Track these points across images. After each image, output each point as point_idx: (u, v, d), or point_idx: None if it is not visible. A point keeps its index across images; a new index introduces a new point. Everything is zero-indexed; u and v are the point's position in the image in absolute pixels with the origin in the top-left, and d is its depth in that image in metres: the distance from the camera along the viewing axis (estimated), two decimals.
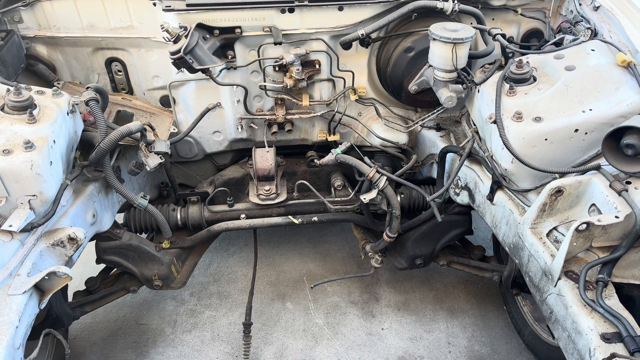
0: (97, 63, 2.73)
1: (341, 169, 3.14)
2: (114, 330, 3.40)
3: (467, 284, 3.68)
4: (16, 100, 2.03)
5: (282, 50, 2.63)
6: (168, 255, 2.86)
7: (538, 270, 2.12)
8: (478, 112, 2.42)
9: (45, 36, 2.59)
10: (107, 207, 2.62)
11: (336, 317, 3.45)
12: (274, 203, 2.93)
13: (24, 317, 1.94)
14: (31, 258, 2.09)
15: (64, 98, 2.23)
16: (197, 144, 3.00)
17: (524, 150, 2.11)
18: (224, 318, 3.46)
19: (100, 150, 2.23)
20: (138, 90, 2.82)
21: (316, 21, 2.56)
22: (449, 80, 2.41)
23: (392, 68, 2.68)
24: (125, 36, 2.59)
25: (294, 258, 3.92)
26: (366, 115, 2.96)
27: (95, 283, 2.92)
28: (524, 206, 2.27)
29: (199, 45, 2.35)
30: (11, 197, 2.01)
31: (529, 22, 2.79)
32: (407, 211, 3.06)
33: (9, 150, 1.95)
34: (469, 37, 2.27)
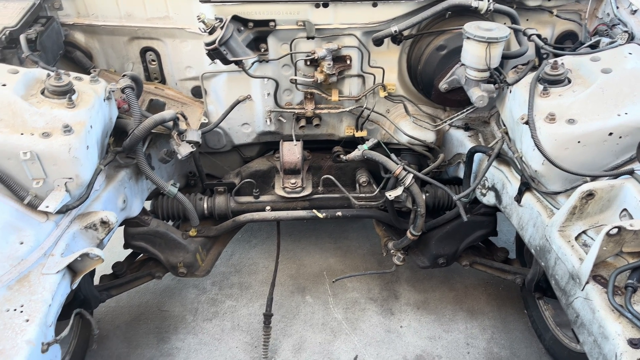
0: (132, 52, 2.78)
1: (367, 165, 3.15)
2: (136, 315, 3.46)
3: (487, 286, 3.66)
4: (56, 85, 2.08)
5: (314, 44, 2.65)
6: (194, 243, 2.90)
7: (565, 274, 2.11)
8: (509, 112, 2.41)
9: (84, 24, 2.65)
10: (137, 193, 2.68)
11: (355, 313, 3.47)
12: (299, 196, 2.95)
13: (57, 296, 1.99)
14: (65, 239, 2.15)
15: (101, 85, 2.28)
16: (226, 135, 3.03)
17: (555, 152, 2.10)
18: (244, 308, 3.50)
19: (134, 136, 2.28)
20: (170, 80, 2.87)
21: (349, 16, 2.57)
22: (481, 80, 2.40)
23: (423, 66, 2.68)
24: (161, 26, 2.64)
25: (315, 253, 3.94)
26: (394, 112, 2.96)
27: (122, 268, 2.98)
28: (552, 209, 2.26)
29: (233, 37, 2.38)
30: (48, 179, 2.06)
31: (564, 23, 2.76)
32: (431, 210, 3.06)
33: (48, 133, 2.01)
34: (504, 37, 2.26)
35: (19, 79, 2.09)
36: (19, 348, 1.76)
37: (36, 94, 2.11)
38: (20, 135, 1.98)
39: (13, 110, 2.01)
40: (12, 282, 1.96)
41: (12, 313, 1.87)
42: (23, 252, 2.01)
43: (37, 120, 2.02)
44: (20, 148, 1.96)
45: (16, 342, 1.77)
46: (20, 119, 2.01)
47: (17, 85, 2.07)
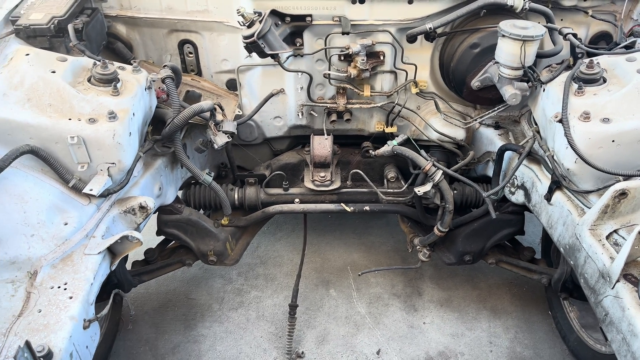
0: (170, 44, 2.86)
1: (395, 161, 3.18)
2: (164, 302, 3.55)
3: (511, 286, 3.66)
4: (103, 73, 2.17)
5: (348, 40, 2.69)
6: (224, 232, 2.97)
7: (595, 272, 2.11)
8: (542, 111, 2.42)
9: (126, 16, 2.74)
10: (172, 182, 2.75)
11: (378, 308, 3.50)
12: (328, 190, 3.00)
13: (98, 275, 2.08)
14: (105, 222, 2.23)
15: (142, 74, 2.36)
16: (258, 128, 3.10)
17: (589, 151, 2.11)
18: (269, 299, 3.56)
19: (173, 125, 2.35)
20: (206, 72, 2.94)
21: (385, 13, 2.61)
22: (514, 78, 2.42)
23: (456, 63, 2.71)
24: (200, 19, 2.71)
25: (339, 247, 3.99)
26: (425, 109, 2.99)
27: (154, 254, 3.06)
28: (583, 207, 2.26)
29: (271, 31, 2.44)
30: (92, 164, 2.15)
31: (599, 24, 2.76)
32: (458, 208, 3.08)
33: (94, 119, 2.09)
34: (539, 35, 2.27)
35: (68, 66, 2.18)
36: (62, 323, 1.84)
37: (83, 82, 2.20)
38: (68, 120, 2.07)
39: (62, 96, 2.09)
40: (57, 261, 2.05)
41: (56, 290, 1.95)
42: (67, 233, 2.09)
43: (84, 106, 2.11)
44: (68, 132, 2.05)
45: (60, 317, 1.86)
46: (68, 105, 2.09)
47: (66, 73, 2.16)
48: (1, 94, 2.04)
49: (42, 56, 2.18)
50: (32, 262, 2.01)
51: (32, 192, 2.06)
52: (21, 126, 2.03)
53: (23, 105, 2.05)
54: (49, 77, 2.10)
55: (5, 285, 1.95)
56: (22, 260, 2.00)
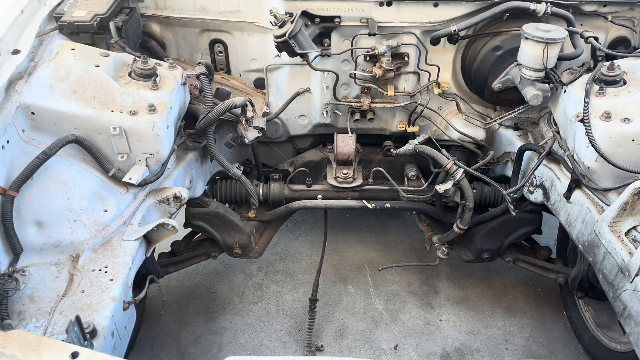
0: (202, 43, 2.97)
1: (415, 160, 3.26)
2: (186, 295, 3.64)
3: (526, 286, 3.72)
4: (143, 68, 2.28)
5: (374, 41, 2.79)
6: (249, 226, 3.06)
7: (614, 267, 2.18)
8: (562, 111, 2.50)
9: (161, 15, 2.85)
10: (201, 175, 2.85)
11: (396, 305, 3.57)
12: (350, 187, 3.09)
13: (135, 261, 2.18)
14: (141, 211, 2.33)
15: (178, 71, 2.47)
16: (283, 125, 3.20)
17: (609, 150, 2.19)
18: (288, 294, 3.64)
19: (208, 119, 2.46)
20: (235, 71, 3.05)
21: (411, 15, 2.71)
22: (536, 79, 2.50)
23: (478, 65, 2.79)
24: (231, 20, 2.82)
25: (356, 245, 4.07)
26: (446, 109, 3.08)
27: (180, 246, 3.16)
28: (602, 205, 2.33)
29: (301, 31, 2.54)
30: (132, 154, 2.25)
31: (617, 29, 2.83)
32: (476, 207, 3.15)
33: (135, 112, 2.20)
34: (562, 38, 2.36)
35: (110, 61, 2.30)
36: (105, 303, 1.94)
37: (124, 76, 2.31)
38: (111, 112, 2.18)
39: (105, 89, 2.20)
40: (97, 246, 2.15)
41: (97, 273, 2.06)
42: (107, 220, 2.20)
43: (125, 99, 2.22)
44: (110, 124, 2.15)
45: (102, 298, 1.96)
46: (111, 98, 2.20)
47: (108, 67, 2.28)
48: (48, 86, 2.15)
49: (87, 51, 2.29)
50: (74, 246, 2.11)
51: (75, 180, 2.16)
52: (67, 117, 2.14)
53: (69, 97, 2.16)
54: (93, 71, 2.21)
55: (50, 267, 2.06)
56: (65, 244, 2.10)
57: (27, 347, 1.39)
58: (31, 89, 2.13)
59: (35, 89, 2.13)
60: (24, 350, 1.38)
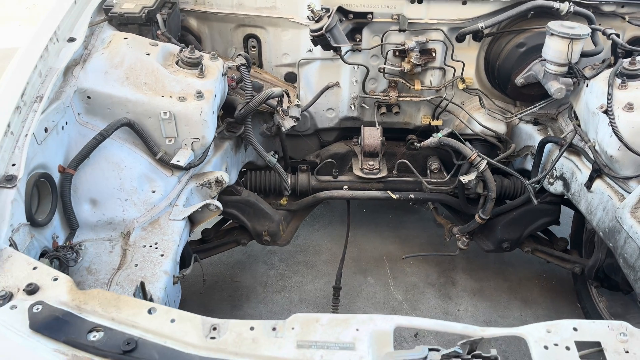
0: (236, 38, 3.10)
1: (437, 154, 3.39)
2: (211, 284, 3.74)
3: (540, 279, 3.84)
4: (190, 57, 2.40)
5: (403, 37, 2.93)
6: (278, 215, 3.17)
7: (635, 251, 2.30)
8: (585, 105, 2.63)
9: (199, 10, 2.98)
10: (234, 164, 2.97)
11: (414, 295, 3.68)
12: (376, 177, 3.21)
13: (182, 239, 2.29)
14: (185, 193, 2.44)
15: (220, 62, 2.59)
16: (312, 118, 3.32)
17: (632, 139, 2.31)
18: (310, 284, 3.75)
19: (248, 108, 2.58)
20: (267, 65, 3.18)
21: (440, 13, 2.84)
22: (559, 74, 2.64)
23: (502, 61, 2.93)
24: (267, 15, 2.95)
25: (375, 239, 4.18)
26: (469, 104, 3.21)
27: (210, 234, 3.26)
28: (623, 193, 2.45)
29: (336, 26, 2.67)
30: (178, 138, 2.37)
31: (634, 29, 2.97)
32: (496, 199, 3.26)
33: (184, 97, 2.32)
34: (586, 34, 2.50)
35: (159, 50, 2.42)
36: (158, 276, 2.04)
37: (172, 64, 2.43)
38: (161, 98, 2.29)
39: (156, 76, 2.33)
40: (146, 224, 2.26)
41: (148, 248, 2.16)
42: (155, 200, 2.31)
43: (174, 86, 2.34)
44: (161, 108, 2.27)
45: (155, 271, 2.06)
46: (161, 84, 2.32)
47: (158, 56, 2.40)
48: (103, 72, 2.27)
49: (138, 40, 2.42)
50: (125, 224, 2.22)
51: (126, 161, 2.28)
52: (121, 101, 2.26)
53: (122, 82, 2.28)
54: (145, 59, 2.34)
55: (104, 242, 2.16)
56: (117, 221, 2.21)
57: (107, 303, 1.50)
58: (87, 74, 2.24)
59: (92, 75, 2.25)
60: (104, 306, 1.49)
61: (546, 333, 1.47)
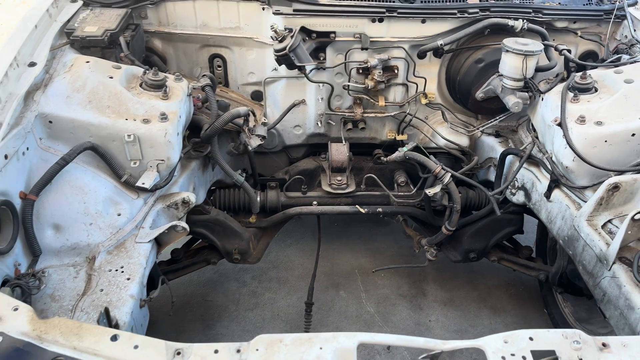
0: (201, 58, 3.12)
1: (404, 167, 3.45)
2: (182, 304, 3.71)
3: (509, 287, 3.93)
4: (154, 79, 2.41)
5: (366, 55, 2.99)
6: (247, 232, 3.18)
7: (592, 258, 2.38)
8: (541, 117, 2.73)
9: (163, 32, 3.00)
10: (202, 183, 2.97)
11: (386, 307, 3.72)
12: (344, 193, 3.25)
13: (149, 262, 2.28)
14: (151, 215, 2.43)
15: (184, 82, 2.61)
16: (279, 135, 3.35)
17: (585, 150, 2.41)
18: (282, 300, 3.75)
19: (214, 128, 2.59)
20: (233, 84, 3.20)
21: (400, 31, 2.92)
22: (516, 88, 2.73)
23: (462, 77, 3.02)
24: (231, 35, 2.98)
25: (346, 253, 4.22)
26: (432, 119, 3.29)
27: (180, 254, 3.25)
28: (580, 202, 2.55)
29: (300, 46, 2.71)
30: (143, 160, 2.37)
31: (586, 44, 3.11)
32: (462, 210, 3.33)
33: (148, 120, 2.32)
34: (539, 50, 2.60)
35: (122, 73, 2.42)
36: (124, 300, 2.02)
37: (135, 87, 2.44)
38: (125, 120, 2.29)
39: (119, 99, 2.33)
40: (112, 248, 2.24)
41: (114, 273, 2.14)
42: (121, 223, 2.30)
43: (138, 108, 2.34)
44: (125, 131, 2.27)
45: (121, 295, 2.04)
46: (124, 107, 2.32)
47: (121, 78, 2.40)
48: (65, 96, 2.26)
49: (101, 63, 2.42)
50: (90, 248, 2.20)
51: (90, 185, 2.26)
52: (83, 125, 2.25)
53: (85, 106, 2.27)
54: (107, 82, 2.34)
55: (68, 268, 2.14)
56: (82, 246, 2.19)
57: (68, 332, 1.48)
58: (49, 99, 2.23)
59: (53, 99, 2.23)
60: (66, 335, 1.47)
61: (504, 344, 1.52)
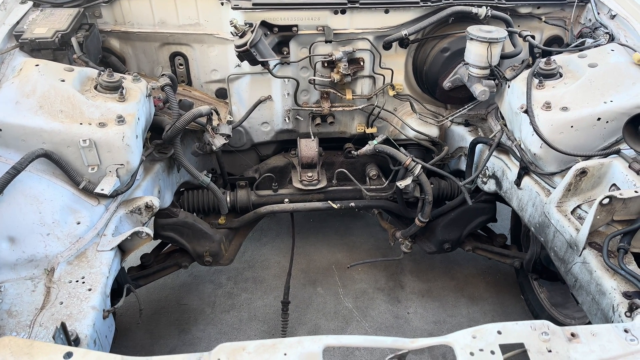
0: (162, 57, 3.02)
1: (375, 160, 3.41)
2: (157, 309, 3.63)
3: (485, 275, 3.93)
4: (109, 81, 2.32)
5: (331, 48, 2.93)
6: (218, 234, 3.11)
7: (563, 244, 2.38)
8: (508, 105, 2.71)
9: (120, 31, 2.89)
10: (168, 186, 2.89)
11: (364, 302, 3.69)
12: (315, 189, 3.20)
13: (112, 270, 2.19)
14: (114, 222, 2.35)
15: (143, 83, 2.52)
16: (247, 133, 3.28)
17: (551, 136, 2.40)
18: (259, 300, 3.70)
19: (175, 128, 2.51)
20: (196, 82, 3.12)
21: (364, 22, 2.87)
22: (482, 76, 2.71)
23: (428, 67, 2.98)
24: (191, 32, 2.89)
25: (323, 248, 4.17)
26: (401, 110, 3.25)
27: (150, 259, 3.16)
28: (549, 188, 2.54)
29: (261, 40, 2.64)
30: (102, 166, 2.28)
31: (551, 29, 3.10)
32: (434, 201, 3.31)
33: (104, 123, 2.23)
34: (503, 37, 2.58)
35: (75, 76, 2.32)
36: (85, 312, 1.94)
37: (90, 89, 2.34)
38: (79, 125, 2.20)
39: (72, 103, 2.23)
40: (72, 258, 2.16)
41: (75, 284, 2.06)
42: (80, 232, 2.21)
43: (93, 111, 2.25)
44: (79, 136, 2.18)
45: (82, 307, 1.96)
46: (78, 111, 2.23)
47: (74, 81, 2.30)
48: (14, 102, 2.15)
49: (51, 66, 2.31)
50: (49, 260, 2.11)
51: (46, 194, 2.16)
52: (35, 131, 2.15)
53: (36, 112, 2.17)
54: (59, 86, 2.23)
55: (25, 282, 2.05)
56: (39, 258, 2.10)
57: (19, 351, 1.41)
58: None
59: (1, 106, 2.13)
60: (16, 355, 1.40)
61: (472, 339, 1.49)
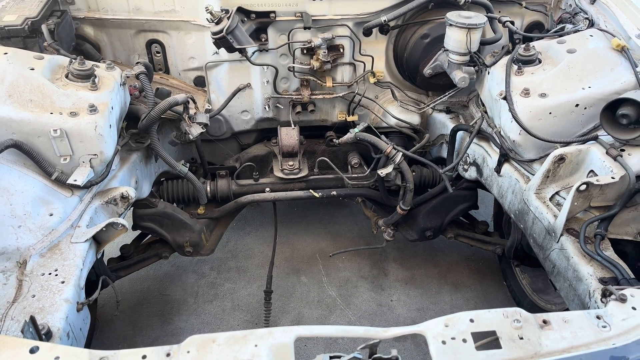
0: (138, 44, 2.96)
1: (357, 148, 3.39)
2: (139, 300, 3.60)
3: (468, 262, 3.94)
4: (80, 69, 2.26)
5: (310, 34, 2.89)
6: (198, 224, 3.08)
7: (542, 231, 2.38)
8: (488, 92, 2.69)
9: (94, 18, 2.82)
10: (146, 176, 2.85)
11: (348, 290, 3.69)
12: (297, 177, 3.17)
13: (86, 262, 2.16)
14: (88, 213, 2.30)
15: (117, 71, 2.47)
16: (227, 122, 3.23)
17: (530, 123, 2.39)
18: (242, 290, 3.68)
19: (150, 117, 2.47)
20: (174, 70, 3.06)
21: (343, 8, 2.83)
22: (462, 63, 2.68)
23: (408, 53, 2.95)
24: (167, 19, 2.83)
25: (307, 237, 4.16)
26: (382, 98, 3.23)
27: (129, 250, 3.13)
28: (528, 175, 2.54)
29: (238, 27, 2.59)
30: (75, 156, 2.23)
31: (532, 14, 3.08)
32: (416, 188, 3.31)
33: (75, 113, 2.18)
34: (482, 23, 2.55)
35: (45, 64, 2.26)
36: (58, 305, 1.91)
37: (61, 78, 2.28)
38: (50, 115, 2.15)
39: (42, 91, 2.17)
40: (45, 250, 2.11)
41: (47, 277, 2.02)
42: (53, 223, 2.17)
43: (64, 100, 2.20)
44: (50, 126, 2.13)
45: (55, 300, 1.93)
46: (49, 100, 2.17)
47: (44, 70, 2.24)
48: None
49: (20, 54, 2.25)
50: (20, 252, 2.07)
51: (17, 185, 2.12)
52: (3, 122, 2.09)
53: (4, 101, 2.11)
54: (28, 74, 2.18)
55: None
56: (10, 250, 2.06)
57: None
58: None
59: None
60: None
61: (444, 328, 1.49)
